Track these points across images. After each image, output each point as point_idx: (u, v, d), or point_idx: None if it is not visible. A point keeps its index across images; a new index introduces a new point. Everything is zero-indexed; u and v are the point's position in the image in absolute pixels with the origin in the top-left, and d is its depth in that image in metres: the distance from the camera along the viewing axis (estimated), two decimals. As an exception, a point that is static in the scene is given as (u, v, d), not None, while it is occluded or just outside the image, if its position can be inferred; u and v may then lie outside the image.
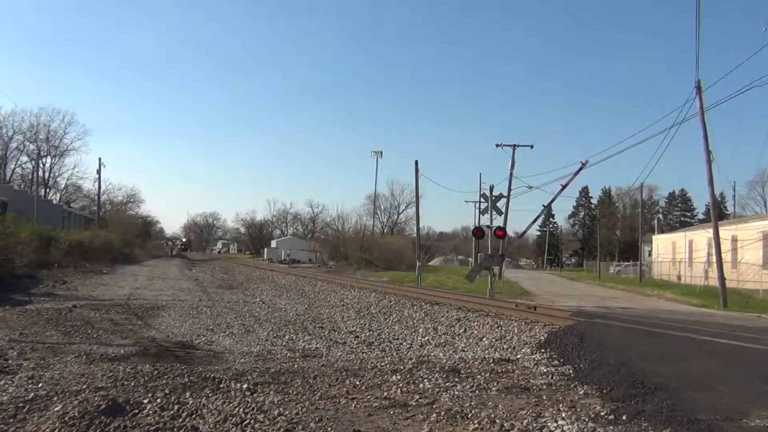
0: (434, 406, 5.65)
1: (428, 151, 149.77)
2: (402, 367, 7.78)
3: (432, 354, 9.79)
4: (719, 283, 23.33)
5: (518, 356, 9.25)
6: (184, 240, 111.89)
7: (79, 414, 4.87)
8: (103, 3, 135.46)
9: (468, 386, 6.62)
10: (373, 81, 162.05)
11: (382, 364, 8.21)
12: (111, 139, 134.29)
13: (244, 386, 6.33)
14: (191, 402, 5.54)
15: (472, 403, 5.77)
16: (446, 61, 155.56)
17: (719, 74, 39.80)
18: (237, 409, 5.29)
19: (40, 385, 6.28)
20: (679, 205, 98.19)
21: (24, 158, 67.27)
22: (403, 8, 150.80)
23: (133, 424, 4.79)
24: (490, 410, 5.49)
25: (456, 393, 6.29)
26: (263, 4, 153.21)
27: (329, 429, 4.88)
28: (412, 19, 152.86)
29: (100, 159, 58.02)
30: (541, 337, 10.65)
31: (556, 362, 8.48)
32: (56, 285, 20.88)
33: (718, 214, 28.54)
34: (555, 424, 5.01)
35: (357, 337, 11.91)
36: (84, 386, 6.24)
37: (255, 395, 5.98)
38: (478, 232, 24.69)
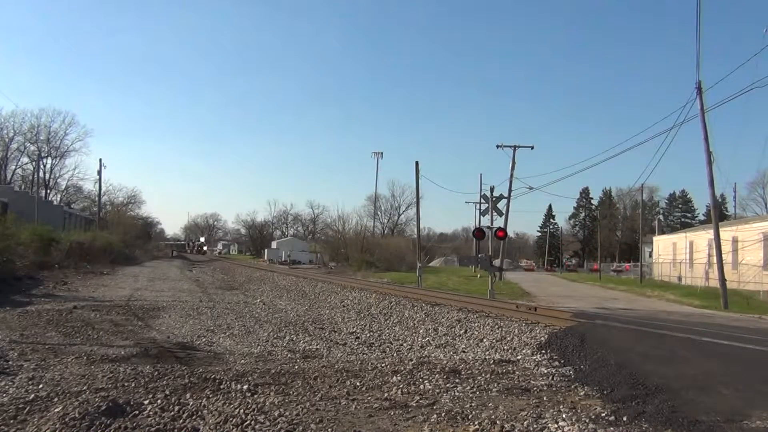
0: (435, 407, 5.65)
1: (429, 153, 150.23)
2: (402, 368, 7.77)
3: (432, 355, 9.79)
4: (720, 284, 23.33)
5: (519, 357, 9.24)
6: (202, 240, 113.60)
7: (80, 415, 4.86)
8: (104, 4, 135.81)
9: (468, 387, 6.61)
10: (374, 82, 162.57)
11: (383, 365, 8.21)
12: (112, 140, 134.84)
13: (245, 387, 6.32)
14: (192, 403, 5.53)
15: (473, 404, 5.77)
16: (447, 63, 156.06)
17: (720, 76, 39.89)
18: (237, 410, 5.29)
19: (40, 386, 6.28)
20: (680, 206, 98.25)
21: (25, 159, 67.61)
22: (404, 11, 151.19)
23: (134, 425, 4.79)
24: (491, 411, 5.48)
25: (456, 394, 6.28)
26: (264, 6, 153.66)
27: (330, 430, 4.87)
28: (412, 21, 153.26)
29: (100, 160, 58.21)
30: (542, 338, 10.64)
31: (556, 363, 8.47)
32: (57, 286, 20.88)
33: (718, 215, 28.53)
34: (556, 426, 5.01)
35: (357, 338, 11.90)
36: (84, 387, 6.24)
37: (255, 396, 5.97)
38: (479, 233, 24.70)
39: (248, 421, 4.96)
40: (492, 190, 26.32)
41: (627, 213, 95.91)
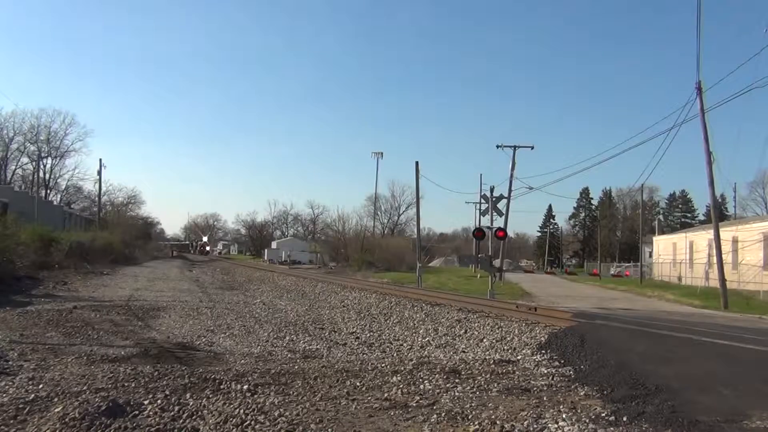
0: (435, 407, 5.65)
1: (429, 153, 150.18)
2: (402, 368, 7.78)
3: (432, 355, 9.79)
4: (720, 285, 23.33)
5: (519, 357, 9.25)
6: (205, 240, 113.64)
7: (80, 415, 4.87)
8: (103, 4, 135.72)
9: (468, 387, 6.62)
10: (374, 82, 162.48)
11: (383, 365, 8.21)
12: (112, 141, 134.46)
13: (245, 387, 6.33)
14: (192, 403, 5.53)
15: (473, 404, 5.77)
16: (446, 63, 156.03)
17: (720, 76, 39.98)
18: (237, 410, 5.29)
19: (40, 386, 6.27)
20: (680, 206, 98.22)
21: (25, 159, 67.55)
22: (403, 10, 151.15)
23: (134, 425, 4.79)
24: (491, 411, 5.49)
25: (456, 394, 6.29)
26: (263, 7, 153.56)
27: (330, 430, 4.88)
28: (411, 20, 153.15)
29: (100, 160, 58.21)
30: (542, 338, 10.65)
31: (556, 363, 8.47)
32: (57, 286, 20.87)
33: (718, 215, 28.56)
34: (555, 426, 5.01)
35: (357, 338, 11.90)
36: (84, 387, 6.23)
37: (255, 396, 5.97)
38: (479, 233, 24.69)
39: (248, 421, 4.96)
40: (492, 190, 26.40)
41: (627, 213, 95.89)
